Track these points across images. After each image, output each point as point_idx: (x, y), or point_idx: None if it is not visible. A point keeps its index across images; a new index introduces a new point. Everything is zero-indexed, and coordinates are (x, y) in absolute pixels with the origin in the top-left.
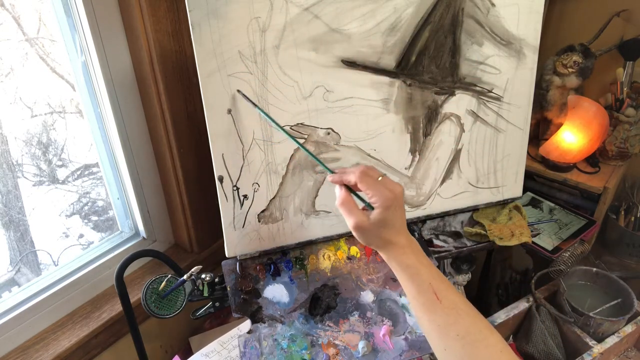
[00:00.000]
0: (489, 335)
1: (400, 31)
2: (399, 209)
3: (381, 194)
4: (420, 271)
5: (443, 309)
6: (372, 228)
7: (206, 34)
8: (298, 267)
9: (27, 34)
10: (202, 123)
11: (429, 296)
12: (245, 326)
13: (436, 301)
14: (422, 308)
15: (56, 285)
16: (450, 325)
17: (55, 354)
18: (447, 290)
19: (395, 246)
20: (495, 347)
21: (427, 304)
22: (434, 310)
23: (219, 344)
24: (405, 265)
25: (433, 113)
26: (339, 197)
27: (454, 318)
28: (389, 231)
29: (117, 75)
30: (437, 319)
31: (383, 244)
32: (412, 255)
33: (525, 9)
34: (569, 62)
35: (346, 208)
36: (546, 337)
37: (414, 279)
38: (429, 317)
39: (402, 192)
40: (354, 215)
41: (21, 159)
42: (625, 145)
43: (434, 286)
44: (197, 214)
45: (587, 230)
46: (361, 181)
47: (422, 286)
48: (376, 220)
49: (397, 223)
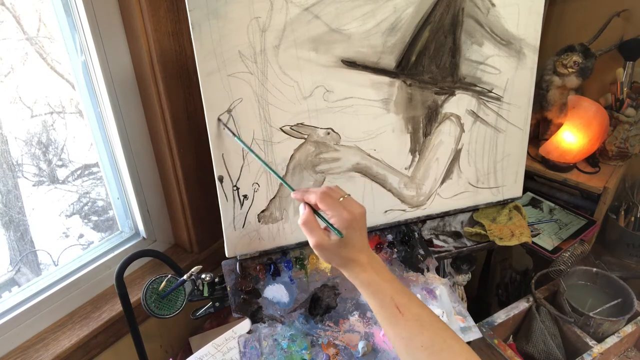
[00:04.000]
0: (453, 344)
1: (400, 31)
2: (358, 230)
3: (340, 215)
4: (382, 287)
5: (406, 322)
6: (332, 248)
7: (206, 33)
8: (298, 267)
9: (27, 33)
10: (202, 123)
11: (391, 310)
12: (240, 328)
13: (399, 314)
14: (386, 322)
15: (56, 285)
16: (415, 336)
17: (55, 354)
18: (409, 304)
19: (355, 264)
20: (461, 355)
21: (390, 317)
22: (397, 323)
23: (214, 347)
24: (367, 283)
25: (433, 113)
26: (302, 216)
27: (417, 330)
28: (349, 250)
29: (117, 75)
30: (401, 332)
31: (343, 262)
32: (372, 272)
33: (525, 9)
34: (569, 62)
35: (308, 227)
36: (546, 337)
37: (376, 295)
38: (393, 330)
39: (362, 214)
40: (315, 234)
41: (21, 159)
42: (625, 145)
43: (396, 300)
44: (197, 214)
45: (587, 230)
46: (321, 201)
47: (385, 301)
48: (336, 240)
49: (357, 243)
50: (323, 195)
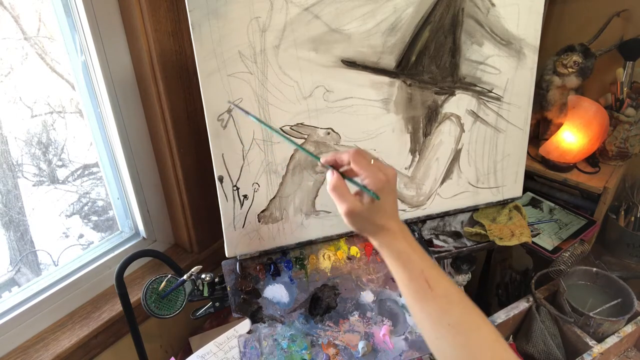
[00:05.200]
0: (482, 325)
1: (400, 31)
2: (391, 194)
3: (375, 176)
4: (412, 258)
5: (435, 297)
6: (365, 214)
7: (206, 34)
8: (298, 267)
9: (26, 33)
10: (202, 123)
11: (420, 284)
12: (242, 327)
13: (428, 289)
14: (413, 296)
15: (56, 285)
16: (442, 314)
17: (55, 354)
18: (439, 279)
19: (387, 232)
20: (488, 337)
21: (418, 291)
22: (425, 298)
23: (215, 345)
24: (397, 252)
25: (433, 113)
26: (331, 181)
27: (446, 307)
28: (382, 216)
29: (117, 75)
30: (428, 308)
31: (375, 230)
32: (403, 241)
33: (525, 9)
34: (569, 62)
35: (338, 192)
36: (546, 337)
37: (406, 266)
38: (421, 305)
39: (395, 176)
40: (346, 200)
41: (21, 159)
42: (625, 145)
43: (426, 274)
44: (197, 214)
45: (587, 230)
46: (355, 161)
47: (414, 273)
48: (369, 204)
49: (389, 208)
50: (356, 155)
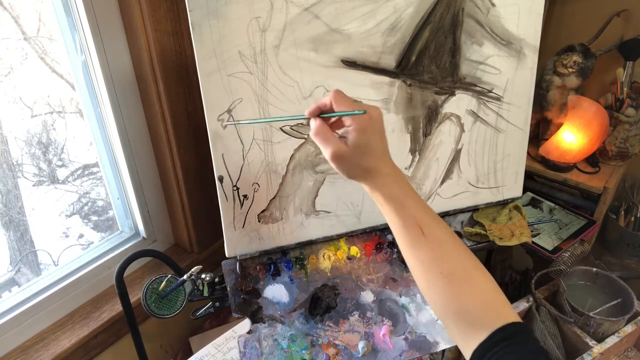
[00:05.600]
0: (475, 274)
1: (400, 31)
2: (377, 133)
3: (357, 115)
4: (405, 203)
5: (428, 244)
6: (351, 155)
7: (206, 33)
8: (298, 267)
9: (26, 33)
10: (202, 123)
11: (413, 230)
12: (241, 328)
13: (421, 236)
14: (406, 243)
15: (56, 285)
16: (435, 262)
17: (55, 354)
18: (433, 225)
19: (377, 175)
20: (481, 288)
21: (411, 238)
22: (418, 245)
23: (214, 347)
24: (389, 197)
25: (433, 113)
26: (314, 127)
27: (438, 254)
28: (369, 158)
29: (117, 75)
30: (421, 255)
31: (364, 173)
32: (395, 185)
33: (526, 9)
34: (569, 62)
35: (322, 136)
36: (546, 337)
37: (398, 212)
38: (413, 252)
39: (380, 115)
40: (330, 143)
41: (21, 159)
42: (625, 145)
43: (419, 220)
44: (197, 214)
45: (587, 230)
46: (336, 101)
47: (407, 219)
48: (354, 146)
49: (377, 149)
50: (336, 95)
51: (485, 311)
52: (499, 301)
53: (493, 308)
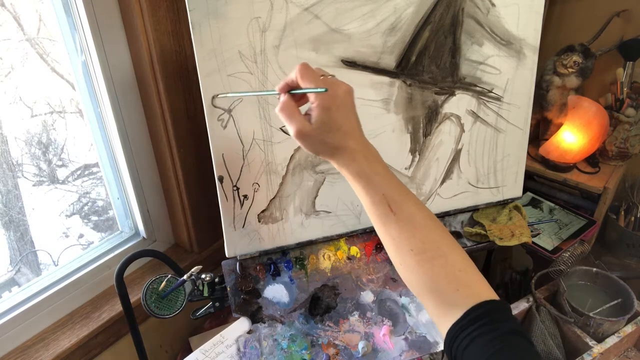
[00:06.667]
0: (448, 252)
1: (401, 31)
2: (343, 110)
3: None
4: (374, 180)
5: (397, 221)
6: (315, 133)
7: (206, 33)
8: (298, 267)
9: (27, 33)
10: (202, 123)
11: (382, 208)
12: (229, 332)
13: (390, 213)
14: (376, 220)
15: (56, 285)
16: (405, 239)
17: (55, 354)
18: (403, 202)
19: (344, 152)
20: (454, 266)
21: (381, 215)
22: (388, 222)
23: (202, 353)
24: (356, 173)
25: (433, 113)
26: (280, 102)
27: (409, 231)
28: (335, 135)
29: (117, 75)
30: (392, 232)
31: (329, 150)
32: (364, 161)
33: (526, 9)
34: (569, 62)
35: (286, 113)
36: (546, 337)
37: (366, 189)
38: (384, 229)
39: (348, 92)
40: (295, 120)
41: (21, 159)
42: (625, 145)
43: (388, 197)
44: (197, 214)
45: (587, 230)
46: (301, 77)
47: (375, 197)
48: (317, 123)
49: (343, 126)
50: (302, 69)
51: (458, 289)
52: (473, 280)
53: (467, 287)
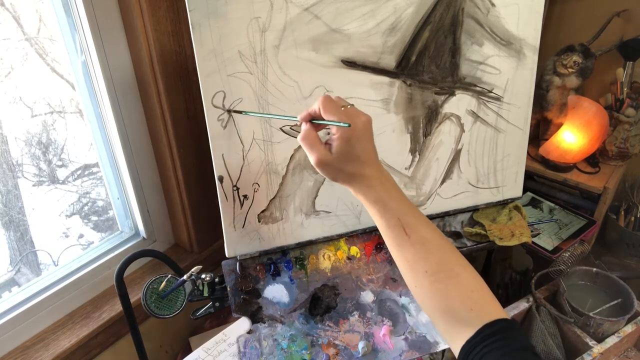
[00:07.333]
0: (460, 272)
1: (401, 31)
2: (363, 140)
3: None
4: (389, 205)
5: (412, 244)
6: (335, 162)
7: (206, 33)
8: (298, 267)
9: (27, 33)
10: (202, 123)
11: (397, 231)
12: (231, 331)
13: (405, 236)
14: (392, 243)
15: (56, 285)
16: (419, 261)
17: (55, 354)
18: (417, 225)
19: (361, 179)
20: (466, 285)
21: (396, 239)
22: (403, 245)
23: (204, 351)
24: (372, 199)
25: (433, 113)
26: (302, 131)
27: (423, 254)
28: (354, 164)
29: (117, 75)
30: (406, 254)
31: (347, 178)
32: (380, 188)
33: (525, 9)
34: (569, 62)
35: (308, 143)
36: (546, 337)
37: (382, 214)
38: (399, 251)
39: (367, 122)
40: (315, 150)
41: (21, 159)
42: (625, 145)
43: (403, 221)
44: (197, 214)
45: (587, 230)
46: (324, 109)
47: (391, 221)
48: (338, 153)
49: (362, 155)
50: (324, 102)
51: (472, 309)
52: (485, 299)
53: (479, 306)
